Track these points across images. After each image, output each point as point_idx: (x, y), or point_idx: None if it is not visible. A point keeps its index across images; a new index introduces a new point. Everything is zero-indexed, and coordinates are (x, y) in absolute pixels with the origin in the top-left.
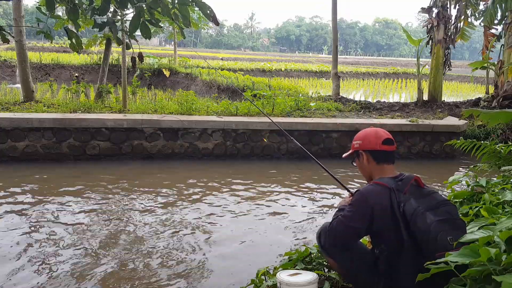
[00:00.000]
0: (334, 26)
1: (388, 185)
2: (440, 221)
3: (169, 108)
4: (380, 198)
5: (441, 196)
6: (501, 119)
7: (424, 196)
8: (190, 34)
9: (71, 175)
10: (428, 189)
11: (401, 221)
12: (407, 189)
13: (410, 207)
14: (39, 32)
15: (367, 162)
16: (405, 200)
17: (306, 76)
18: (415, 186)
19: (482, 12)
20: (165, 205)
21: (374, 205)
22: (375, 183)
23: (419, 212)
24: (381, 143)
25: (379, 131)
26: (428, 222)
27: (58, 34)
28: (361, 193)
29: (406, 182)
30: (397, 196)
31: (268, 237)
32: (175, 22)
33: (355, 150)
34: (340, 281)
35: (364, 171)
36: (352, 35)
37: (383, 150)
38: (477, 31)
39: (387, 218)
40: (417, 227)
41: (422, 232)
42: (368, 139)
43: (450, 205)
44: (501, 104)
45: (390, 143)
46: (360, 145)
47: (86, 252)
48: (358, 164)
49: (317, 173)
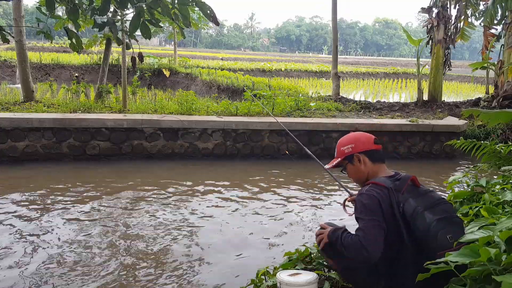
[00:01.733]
0: (334, 26)
1: (386, 185)
2: (439, 220)
3: (169, 108)
4: (383, 198)
5: (437, 194)
6: (501, 119)
7: (421, 196)
8: (190, 34)
9: (71, 175)
10: (424, 188)
11: (401, 221)
12: (404, 189)
13: (409, 207)
14: (39, 32)
15: (364, 164)
16: (404, 200)
17: (306, 76)
18: (412, 186)
19: (482, 12)
20: (165, 205)
21: (381, 202)
22: (373, 184)
23: (418, 211)
24: (373, 142)
25: (363, 133)
26: (427, 222)
27: (58, 34)
28: (364, 194)
29: (404, 181)
30: (395, 196)
31: (268, 237)
32: (175, 22)
33: (346, 156)
34: (340, 281)
35: (359, 175)
36: (352, 35)
37: (375, 149)
38: (477, 31)
39: (388, 218)
40: (417, 227)
41: (422, 232)
42: (360, 140)
43: (446, 204)
44: (501, 104)
45: (378, 142)
46: (353, 148)
47: (86, 252)
48: (351, 169)
49: (317, 173)
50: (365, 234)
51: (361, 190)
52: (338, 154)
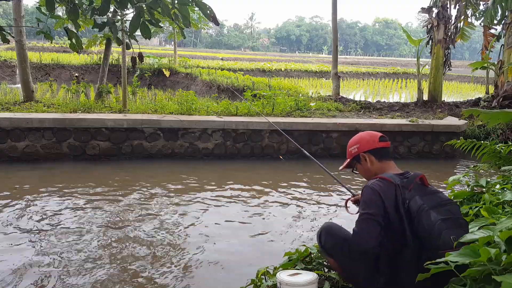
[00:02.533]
0: (334, 26)
1: (393, 180)
2: (443, 220)
3: (169, 108)
4: (386, 192)
5: (445, 195)
6: (501, 119)
7: (428, 195)
8: (190, 34)
9: (71, 175)
10: (432, 188)
11: (405, 218)
12: (412, 187)
13: (415, 204)
14: (39, 32)
15: (370, 162)
16: (410, 197)
17: (306, 76)
18: (420, 185)
19: (482, 12)
20: (165, 204)
21: (384, 197)
22: (380, 178)
23: (423, 209)
24: (378, 141)
25: (370, 132)
26: (432, 220)
27: (58, 34)
28: (368, 187)
29: (412, 179)
30: (402, 192)
31: (268, 237)
32: (175, 22)
33: (354, 156)
34: (340, 281)
35: (368, 173)
36: (352, 35)
37: (381, 147)
38: (477, 31)
39: (392, 213)
40: (421, 225)
41: (426, 230)
42: (364, 140)
43: (453, 205)
44: (501, 104)
45: (385, 140)
46: (358, 148)
47: (85, 252)
48: (360, 169)
49: (317, 173)
50: (357, 228)
51: (367, 183)
52: (347, 155)
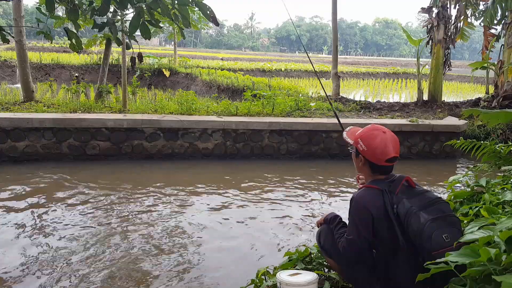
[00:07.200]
0: (334, 26)
1: (380, 187)
2: (433, 220)
3: (169, 108)
4: (374, 201)
5: (433, 194)
6: (501, 119)
7: (416, 196)
8: (190, 34)
9: (71, 175)
10: (420, 188)
11: (395, 223)
12: (398, 190)
13: (403, 207)
14: (39, 32)
15: (363, 166)
16: (397, 201)
17: (306, 76)
18: (407, 187)
19: (482, 12)
20: (165, 204)
21: (372, 210)
22: (367, 187)
23: (412, 212)
24: (384, 161)
25: (388, 143)
26: (421, 222)
27: (58, 34)
28: (356, 201)
29: (397, 183)
30: (389, 197)
31: (268, 237)
32: (175, 23)
33: (356, 149)
34: (340, 281)
35: (356, 167)
36: (352, 35)
37: (383, 165)
38: (477, 31)
39: (382, 220)
40: (411, 228)
41: (416, 232)
42: (374, 151)
43: (442, 203)
44: (501, 104)
45: (392, 161)
46: (364, 151)
47: (85, 251)
48: (354, 158)
49: (317, 173)
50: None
51: (355, 194)
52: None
